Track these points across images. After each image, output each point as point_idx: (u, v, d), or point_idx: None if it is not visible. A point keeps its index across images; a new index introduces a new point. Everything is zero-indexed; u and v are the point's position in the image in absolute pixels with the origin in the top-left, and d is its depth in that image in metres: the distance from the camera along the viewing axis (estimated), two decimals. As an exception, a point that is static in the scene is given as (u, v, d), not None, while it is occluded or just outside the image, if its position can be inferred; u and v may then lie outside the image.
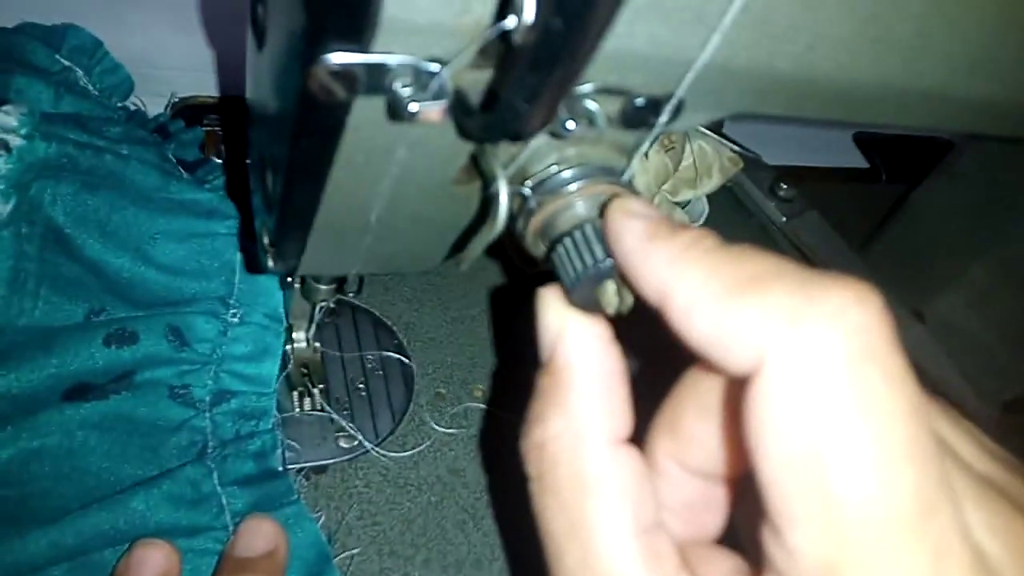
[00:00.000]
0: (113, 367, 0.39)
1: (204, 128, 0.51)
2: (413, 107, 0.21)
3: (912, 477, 0.15)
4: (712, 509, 0.23)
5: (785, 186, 0.63)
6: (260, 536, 0.37)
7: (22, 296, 0.40)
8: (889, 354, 0.15)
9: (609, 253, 0.24)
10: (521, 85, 0.19)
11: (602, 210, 0.25)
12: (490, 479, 0.44)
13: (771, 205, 0.63)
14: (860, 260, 0.62)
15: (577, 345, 0.21)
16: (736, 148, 0.63)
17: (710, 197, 0.59)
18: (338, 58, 0.19)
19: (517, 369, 0.50)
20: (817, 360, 0.15)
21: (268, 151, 0.30)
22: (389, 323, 0.49)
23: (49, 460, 0.37)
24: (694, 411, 0.21)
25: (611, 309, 0.26)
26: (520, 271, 0.28)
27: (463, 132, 0.24)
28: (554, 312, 0.22)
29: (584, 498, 0.19)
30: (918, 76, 0.27)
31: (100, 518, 0.35)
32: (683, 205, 0.58)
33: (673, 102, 0.24)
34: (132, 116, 0.50)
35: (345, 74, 0.20)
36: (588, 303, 0.25)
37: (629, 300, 0.25)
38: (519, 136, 0.20)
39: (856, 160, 0.76)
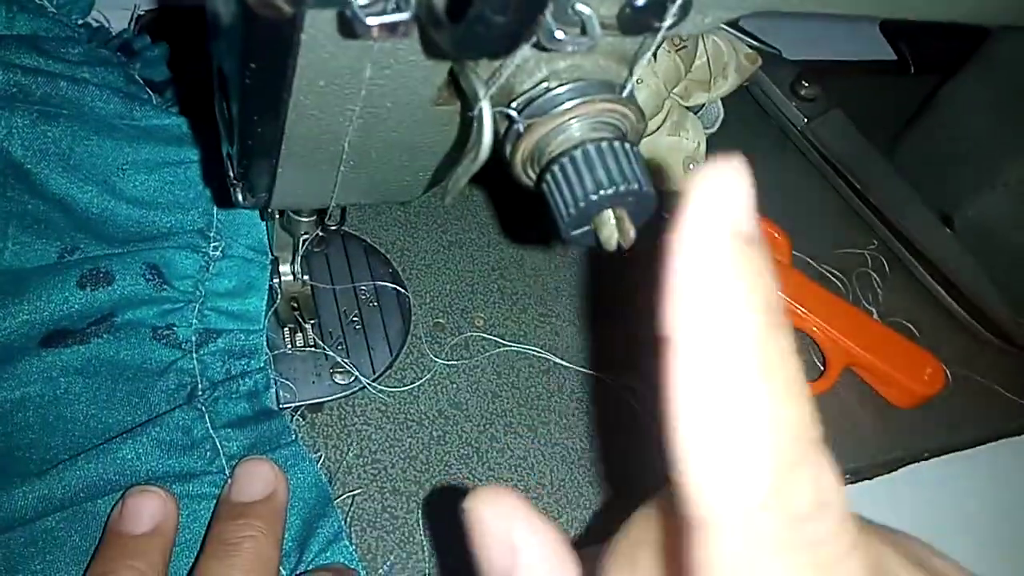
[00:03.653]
0: (90, 310, 0.37)
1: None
2: (371, 20, 0.18)
3: None
4: None
5: (807, 84, 0.59)
6: (258, 479, 0.35)
7: (-11, 236, 0.38)
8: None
9: (608, 181, 0.21)
10: (491, -10, 0.16)
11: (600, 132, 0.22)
12: (493, 411, 0.42)
13: (792, 106, 0.59)
14: (886, 162, 0.58)
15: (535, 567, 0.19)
16: (754, 43, 0.58)
17: (725, 99, 0.55)
18: (277, -39, 0.16)
19: (521, 295, 0.47)
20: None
21: (224, 67, 0.27)
22: (382, 250, 0.46)
23: (33, 409, 0.36)
24: (649, 549, 0.20)
25: (611, 243, 0.23)
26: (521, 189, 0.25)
27: (432, 49, 0.20)
28: (500, 524, 0.19)
29: None
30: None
31: (88, 470, 0.34)
32: (696, 110, 0.54)
33: (680, 0, 0.21)
34: (95, 34, 0.46)
35: (287, -18, 0.17)
36: (583, 237, 0.23)
37: (630, 233, 0.23)
38: (496, 53, 0.17)
39: (883, 51, 0.71)
